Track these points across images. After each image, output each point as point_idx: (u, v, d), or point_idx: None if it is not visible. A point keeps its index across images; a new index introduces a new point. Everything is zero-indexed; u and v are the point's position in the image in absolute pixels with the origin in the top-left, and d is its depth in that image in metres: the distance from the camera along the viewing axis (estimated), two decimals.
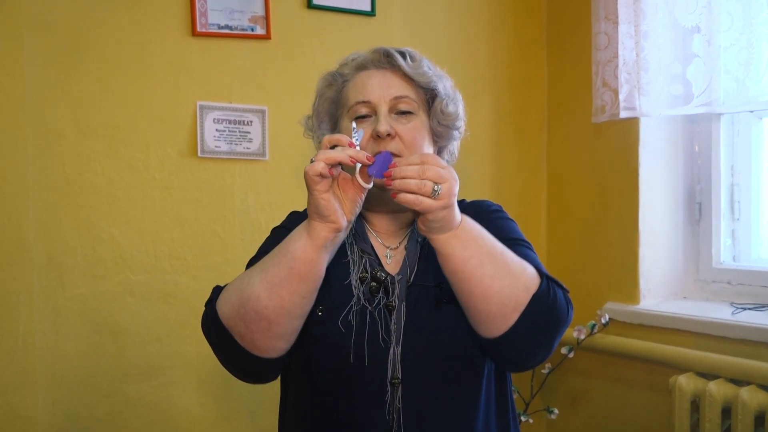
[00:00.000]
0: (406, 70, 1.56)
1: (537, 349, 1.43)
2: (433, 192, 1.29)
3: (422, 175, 1.29)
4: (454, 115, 1.62)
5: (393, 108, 1.55)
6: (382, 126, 1.50)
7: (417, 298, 1.51)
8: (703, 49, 2.42)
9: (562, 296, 1.44)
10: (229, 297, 1.41)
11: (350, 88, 1.59)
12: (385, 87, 1.55)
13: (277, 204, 2.57)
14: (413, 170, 1.30)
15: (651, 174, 2.72)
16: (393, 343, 1.47)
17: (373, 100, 1.54)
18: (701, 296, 2.74)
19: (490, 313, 1.37)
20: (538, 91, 3.11)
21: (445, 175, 1.30)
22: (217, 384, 2.52)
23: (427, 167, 1.29)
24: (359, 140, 1.44)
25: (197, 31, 2.44)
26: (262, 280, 1.37)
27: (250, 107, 2.52)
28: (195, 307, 2.44)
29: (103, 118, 2.36)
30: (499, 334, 1.39)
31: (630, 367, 2.72)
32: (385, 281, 1.52)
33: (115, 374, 2.40)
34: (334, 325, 1.48)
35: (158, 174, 2.43)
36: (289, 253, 1.35)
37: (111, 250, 2.39)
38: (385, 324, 1.48)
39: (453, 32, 2.91)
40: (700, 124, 2.74)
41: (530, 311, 1.37)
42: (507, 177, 3.06)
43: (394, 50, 1.58)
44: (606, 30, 2.63)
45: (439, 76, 1.62)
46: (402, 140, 1.53)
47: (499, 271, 1.36)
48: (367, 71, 1.59)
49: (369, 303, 1.50)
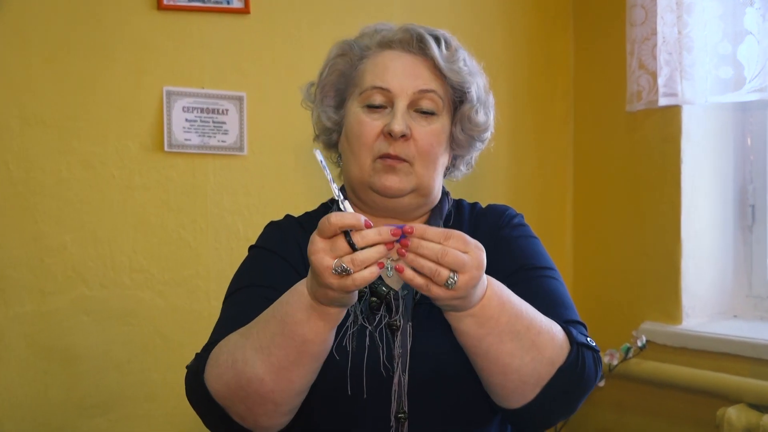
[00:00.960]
0: (439, 62, 1.55)
1: (557, 418, 1.48)
2: (447, 283, 1.23)
3: (441, 258, 1.22)
4: (483, 126, 1.63)
5: (414, 103, 1.54)
6: (397, 125, 1.50)
7: (425, 319, 1.50)
8: (757, 25, 2.42)
9: (592, 361, 1.44)
10: (220, 374, 1.38)
11: (368, 66, 1.58)
12: (410, 76, 1.54)
13: (257, 206, 2.57)
14: (432, 250, 1.22)
15: (695, 172, 2.71)
16: (398, 371, 1.47)
17: (393, 89, 1.53)
18: (754, 315, 2.74)
19: (507, 388, 1.39)
20: (563, 75, 3.11)
21: (467, 263, 1.23)
22: (188, 417, 2.45)
23: (449, 250, 1.22)
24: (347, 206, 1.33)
25: (163, 4, 2.44)
26: (264, 363, 1.33)
27: (226, 93, 2.53)
28: (160, 327, 2.47)
29: (52, 106, 2.35)
30: (516, 407, 1.41)
31: (671, 397, 2.70)
32: (388, 296, 1.51)
33: (68, 407, 2.38)
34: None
35: (117, 172, 2.43)
36: (298, 336, 1.31)
37: (62, 261, 2.38)
38: (387, 347, 1.48)
39: (462, 6, 2.92)
40: (753, 113, 2.74)
41: (553, 385, 1.39)
42: (526, 176, 3.06)
43: (427, 33, 1.57)
44: (642, 2, 2.63)
45: (474, 74, 1.61)
46: (416, 144, 1.53)
47: (522, 347, 1.36)
48: (392, 51, 1.58)
49: (368, 322, 1.49)
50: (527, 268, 1.53)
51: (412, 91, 1.53)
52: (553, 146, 3.10)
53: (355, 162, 1.56)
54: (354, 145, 1.56)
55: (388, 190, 1.53)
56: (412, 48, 1.56)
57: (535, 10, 3.05)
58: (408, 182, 1.54)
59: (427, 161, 1.55)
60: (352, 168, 1.57)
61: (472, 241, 1.26)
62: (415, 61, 1.56)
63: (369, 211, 1.61)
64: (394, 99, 1.53)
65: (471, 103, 1.59)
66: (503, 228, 1.63)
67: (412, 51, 1.56)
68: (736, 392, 2.45)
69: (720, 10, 2.52)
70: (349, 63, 1.61)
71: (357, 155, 1.55)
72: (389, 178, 1.53)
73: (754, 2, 2.43)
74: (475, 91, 1.60)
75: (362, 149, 1.54)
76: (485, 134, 1.65)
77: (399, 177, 1.53)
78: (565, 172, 3.13)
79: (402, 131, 1.49)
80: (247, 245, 1.70)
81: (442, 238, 1.23)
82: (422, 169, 1.55)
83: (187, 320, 2.49)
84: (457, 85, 1.57)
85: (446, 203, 1.67)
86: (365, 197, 1.59)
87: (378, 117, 1.53)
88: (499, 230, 1.63)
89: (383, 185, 1.53)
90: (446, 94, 1.57)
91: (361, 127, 1.54)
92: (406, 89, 1.53)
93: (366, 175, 1.54)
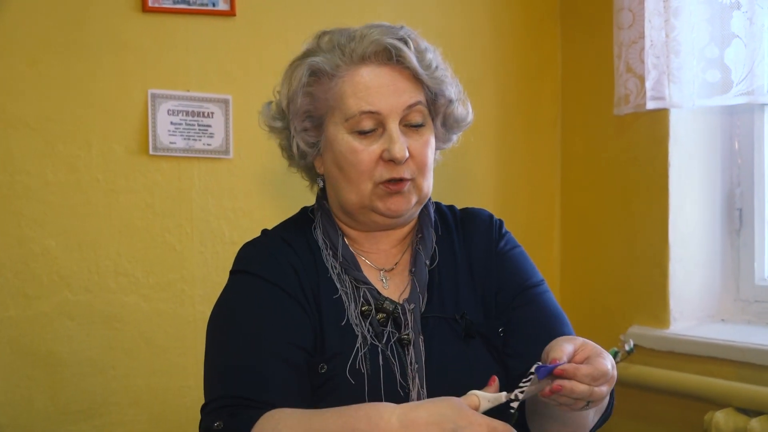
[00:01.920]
0: (418, 72, 1.52)
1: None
2: (585, 406, 1.30)
3: (589, 396, 1.28)
4: (466, 118, 1.63)
5: (403, 119, 1.52)
6: (398, 151, 1.48)
7: (435, 331, 1.51)
8: (745, 29, 2.41)
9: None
10: None
11: (347, 88, 1.52)
12: (395, 93, 1.51)
13: (243, 211, 2.56)
14: (583, 392, 1.27)
15: (683, 175, 2.70)
16: (416, 386, 1.47)
17: (382, 111, 1.50)
18: (742, 318, 2.72)
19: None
20: (551, 78, 3.11)
21: (606, 392, 1.30)
22: (172, 423, 2.50)
23: (595, 390, 1.27)
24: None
25: (148, 6, 2.44)
26: None
27: (211, 96, 2.52)
28: (145, 332, 2.46)
29: (36, 109, 2.35)
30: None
31: (658, 401, 2.71)
32: (395, 311, 1.51)
33: (51, 413, 2.38)
34: (342, 377, 1.45)
35: (102, 175, 2.43)
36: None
37: (46, 266, 2.38)
38: (401, 364, 1.47)
39: (449, 7, 2.91)
40: (740, 116, 2.72)
41: (595, 427, 1.52)
42: (514, 180, 3.05)
43: (395, 39, 1.52)
44: (630, 6, 2.61)
45: (444, 69, 1.59)
46: (414, 161, 1.52)
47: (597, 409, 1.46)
48: (367, 67, 1.53)
49: (377, 339, 1.49)
50: (527, 287, 1.56)
51: (401, 109, 1.50)
52: (541, 149, 3.09)
53: (351, 189, 1.53)
54: (350, 174, 1.52)
55: (396, 212, 1.53)
56: (388, 60, 1.52)
57: (523, 12, 3.04)
58: (412, 199, 1.54)
59: (426, 172, 1.55)
60: (347, 195, 1.54)
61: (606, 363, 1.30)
62: (393, 74, 1.52)
63: (360, 228, 1.59)
64: (385, 121, 1.50)
65: (451, 103, 1.58)
66: (498, 241, 1.64)
67: (388, 63, 1.52)
68: (723, 396, 2.43)
69: (707, 13, 2.50)
70: (319, 83, 1.55)
71: (355, 183, 1.52)
72: (396, 201, 1.52)
73: (741, 6, 2.41)
74: (450, 87, 1.59)
75: (361, 177, 1.51)
76: (466, 127, 1.65)
77: (405, 198, 1.53)
78: (552, 176, 3.11)
79: (404, 157, 1.48)
80: (233, 249, 1.66)
81: (590, 379, 1.27)
82: (422, 181, 1.54)
83: (172, 325, 2.48)
84: (437, 89, 1.56)
85: (432, 210, 1.67)
86: (364, 219, 1.57)
87: (371, 142, 1.50)
88: (494, 244, 1.64)
89: (389, 209, 1.52)
90: (426, 98, 1.55)
91: (357, 155, 1.50)
92: (395, 108, 1.50)
93: (366, 200, 1.52)
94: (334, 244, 1.58)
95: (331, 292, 1.52)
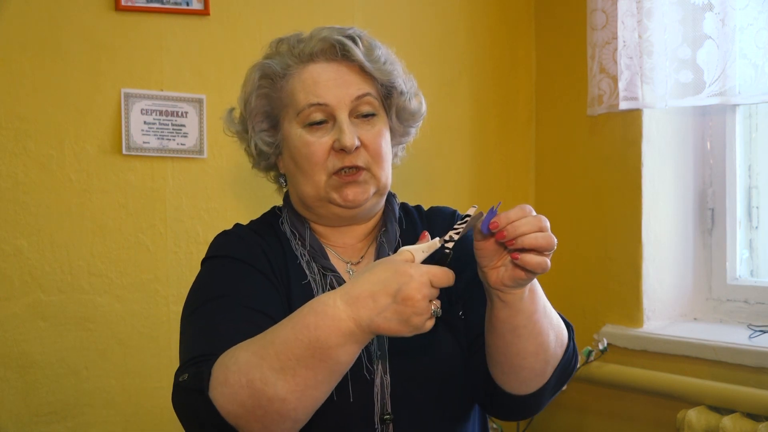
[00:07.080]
0: (365, 64, 1.57)
1: (548, 401, 1.53)
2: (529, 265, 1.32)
3: (542, 226, 1.29)
4: (418, 112, 1.67)
5: (353, 111, 1.57)
6: (348, 139, 1.52)
7: None
8: (717, 30, 2.44)
9: (573, 341, 1.52)
10: (233, 393, 1.33)
11: (296, 85, 1.58)
12: (342, 85, 1.56)
13: (217, 211, 2.56)
14: (530, 223, 1.28)
15: (656, 175, 2.73)
16: (379, 372, 1.49)
17: (330, 103, 1.55)
18: (714, 318, 2.75)
19: (534, 370, 1.44)
20: (525, 77, 3.11)
21: (544, 241, 1.31)
22: (146, 423, 2.50)
23: (542, 216, 1.29)
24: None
25: (121, 5, 2.43)
26: (288, 383, 1.30)
27: (185, 96, 2.52)
28: (119, 333, 2.45)
29: (7, 107, 2.34)
30: (531, 392, 1.46)
31: (631, 400, 2.71)
32: None
33: (23, 415, 2.36)
34: None
35: (75, 175, 2.41)
36: (331, 359, 1.29)
37: (18, 266, 2.37)
38: (367, 350, 1.49)
39: (424, 7, 2.91)
40: (712, 117, 2.75)
41: (561, 365, 1.47)
42: (489, 179, 3.06)
43: (344, 37, 1.58)
44: (603, 6, 2.64)
45: (393, 63, 1.63)
46: (367, 150, 1.56)
47: (550, 324, 1.43)
48: (315, 64, 1.59)
49: None
50: None
51: (349, 100, 1.55)
52: (515, 149, 3.11)
53: (307, 182, 1.57)
54: (304, 166, 1.56)
55: (353, 202, 1.56)
56: (335, 56, 1.57)
57: (498, 12, 3.05)
58: (369, 188, 1.58)
59: (381, 162, 1.58)
60: (304, 188, 1.58)
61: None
62: (341, 69, 1.57)
63: (324, 223, 1.63)
64: (334, 112, 1.55)
65: (402, 95, 1.62)
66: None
67: (335, 59, 1.58)
68: (696, 395, 2.46)
69: (680, 14, 2.53)
70: (273, 84, 1.61)
71: (309, 175, 1.56)
72: (351, 190, 1.55)
73: (714, 7, 2.44)
74: (401, 80, 1.63)
75: (314, 169, 1.55)
76: (421, 119, 1.69)
77: (361, 187, 1.56)
78: (526, 175, 3.13)
79: (354, 144, 1.52)
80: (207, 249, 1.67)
81: (527, 211, 1.29)
82: (378, 170, 1.58)
83: (145, 325, 2.47)
84: (386, 81, 1.60)
85: (396, 206, 1.70)
86: (323, 211, 1.60)
87: (323, 134, 1.55)
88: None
89: (346, 199, 1.55)
90: (377, 91, 1.60)
91: (309, 148, 1.55)
92: (343, 99, 1.55)
93: (322, 191, 1.56)
94: (302, 234, 1.62)
95: (300, 277, 1.56)
